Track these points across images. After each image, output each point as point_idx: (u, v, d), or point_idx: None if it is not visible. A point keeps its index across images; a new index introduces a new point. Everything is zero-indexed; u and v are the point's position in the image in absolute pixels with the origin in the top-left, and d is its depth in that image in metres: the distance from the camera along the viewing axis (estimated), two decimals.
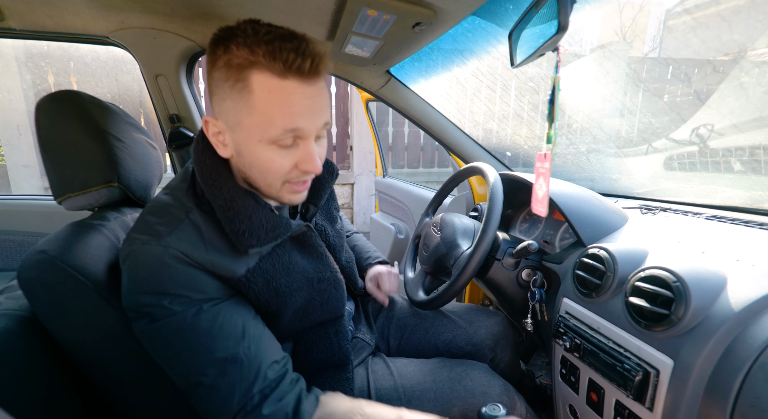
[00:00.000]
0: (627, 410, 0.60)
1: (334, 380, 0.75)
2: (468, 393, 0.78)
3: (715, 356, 0.51)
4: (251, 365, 0.57)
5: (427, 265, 0.99)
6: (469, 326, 0.96)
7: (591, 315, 0.69)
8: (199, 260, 0.57)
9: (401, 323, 1.00)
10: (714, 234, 0.74)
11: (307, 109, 0.56)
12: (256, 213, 0.62)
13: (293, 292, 0.68)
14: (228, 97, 0.56)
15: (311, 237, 0.73)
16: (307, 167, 0.60)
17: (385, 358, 0.88)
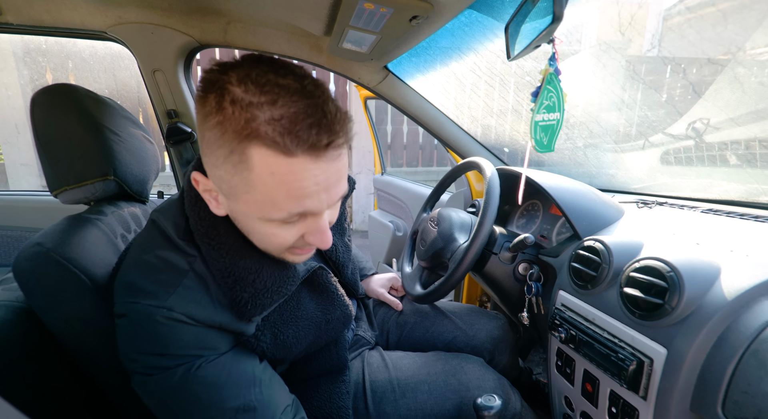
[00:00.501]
0: (621, 400, 0.60)
1: (330, 383, 0.75)
2: (462, 387, 0.79)
3: (708, 344, 0.51)
4: (265, 412, 0.54)
5: (425, 260, 0.99)
6: (469, 328, 0.96)
7: (586, 307, 0.69)
8: (207, 321, 0.52)
9: (401, 320, 1.00)
10: (709, 227, 0.74)
11: (321, 189, 0.46)
12: (261, 274, 0.55)
13: (300, 340, 0.64)
14: (221, 167, 0.46)
15: (322, 276, 0.67)
16: (315, 242, 0.52)
17: (382, 351, 0.88)
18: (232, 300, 0.53)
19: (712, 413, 0.49)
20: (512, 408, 0.80)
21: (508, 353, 0.99)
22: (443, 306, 1.01)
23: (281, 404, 0.57)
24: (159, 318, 0.49)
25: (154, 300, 0.49)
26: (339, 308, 0.70)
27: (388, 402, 0.77)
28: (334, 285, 0.70)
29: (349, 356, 0.86)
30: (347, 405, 0.74)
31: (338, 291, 0.70)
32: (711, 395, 0.49)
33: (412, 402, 0.77)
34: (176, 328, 0.49)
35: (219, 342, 0.54)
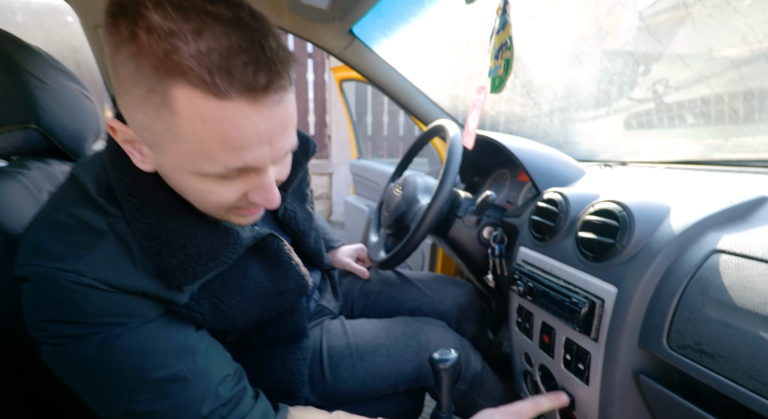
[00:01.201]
0: (575, 346, 0.60)
1: (285, 350, 0.71)
2: (422, 348, 0.77)
3: (656, 279, 0.51)
4: (198, 382, 0.49)
5: (389, 226, 0.97)
6: (435, 295, 0.95)
7: (544, 259, 0.68)
8: (127, 287, 0.46)
9: (366, 289, 0.98)
10: (665, 179, 0.74)
11: (263, 140, 0.41)
12: (195, 239, 0.49)
13: (245, 312, 0.59)
14: (139, 110, 0.39)
15: (273, 245, 0.61)
16: (259, 200, 0.47)
17: (343, 320, 0.86)
18: (159, 266, 0.48)
19: (657, 346, 0.48)
20: (472, 369, 0.79)
21: (474, 321, 0.98)
22: (409, 274, 1.00)
23: (219, 373, 0.52)
24: (64, 283, 0.43)
25: (59, 263, 0.43)
26: (293, 279, 0.65)
27: (345, 367, 0.75)
28: (288, 254, 0.65)
29: (310, 325, 0.84)
30: (302, 372, 0.71)
31: (292, 261, 0.65)
32: (657, 329, 0.49)
33: (370, 365, 0.75)
34: (87, 294, 0.44)
35: (143, 310, 0.49)
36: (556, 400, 0.62)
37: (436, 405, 0.65)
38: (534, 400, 0.62)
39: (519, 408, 0.61)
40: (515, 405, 0.61)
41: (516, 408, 0.61)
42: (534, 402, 0.62)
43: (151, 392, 0.47)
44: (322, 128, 4.04)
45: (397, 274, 1.00)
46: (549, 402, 0.62)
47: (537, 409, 0.61)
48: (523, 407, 0.61)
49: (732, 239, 0.47)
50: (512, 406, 0.61)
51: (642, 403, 0.53)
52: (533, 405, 0.61)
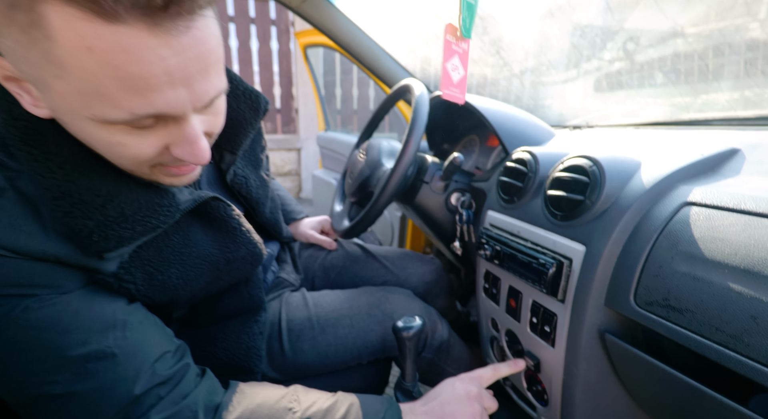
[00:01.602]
0: (541, 308, 0.58)
1: (240, 324, 0.66)
2: (386, 317, 0.73)
3: (624, 235, 0.49)
4: (129, 360, 0.43)
5: (353, 193, 0.92)
6: (400, 272, 0.91)
7: (512, 221, 0.65)
8: (35, 253, 0.39)
9: (328, 264, 0.93)
10: (635, 138, 0.72)
11: (176, 79, 0.34)
12: (116, 198, 0.42)
13: (189, 282, 0.52)
14: (6, 32, 0.31)
15: (219, 209, 0.55)
16: (184, 155, 0.40)
17: (305, 292, 0.81)
18: (71, 228, 0.41)
19: (624, 304, 0.47)
20: (439, 337, 0.76)
21: (442, 297, 0.95)
22: (374, 250, 0.95)
23: (156, 350, 0.46)
24: None
25: None
26: (244, 246, 0.59)
27: (306, 340, 0.70)
28: (237, 220, 0.58)
29: (268, 297, 0.78)
30: (258, 346, 0.66)
31: (242, 227, 0.59)
32: (624, 286, 0.47)
33: (332, 337, 0.71)
34: None
35: (58, 280, 0.42)
36: (514, 366, 0.61)
37: (401, 374, 0.62)
38: (493, 366, 0.61)
39: (479, 374, 0.59)
40: (475, 371, 0.60)
41: (476, 374, 0.59)
42: (493, 368, 0.60)
43: (70, 371, 0.41)
44: (288, 101, 3.86)
45: (362, 250, 0.95)
46: (508, 367, 0.61)
47: (496, 375, 0.60)
48: (483, 373, 0.59)
49: (703, 191, 0.45)
50: (472, 373, 0.59)
51: (606, 362, 0.52)
52: (493, 371, 0.60)
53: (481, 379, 0.58)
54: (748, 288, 0.36)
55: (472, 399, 0.54)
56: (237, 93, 0.62)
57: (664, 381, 0.44)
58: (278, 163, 3.85)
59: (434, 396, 0.56)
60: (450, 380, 0.58)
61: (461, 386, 0.56)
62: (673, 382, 0.43)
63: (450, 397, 0.54)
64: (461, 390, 0.55)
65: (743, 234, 0.39)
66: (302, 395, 0.53)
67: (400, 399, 0.61)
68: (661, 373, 0.44)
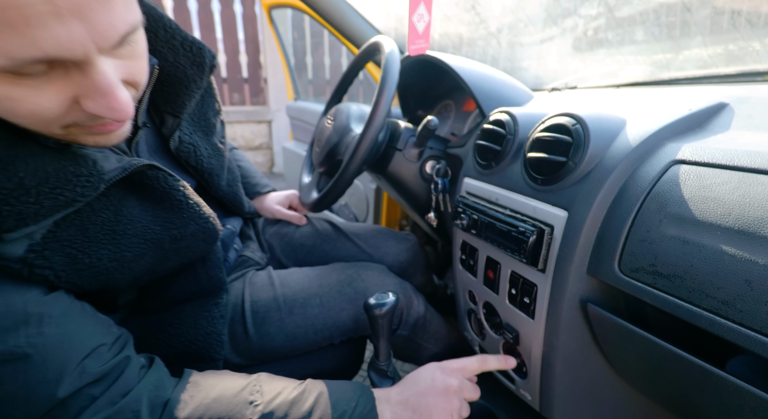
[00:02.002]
0: (521, 279, 0.55)
1: (198, 308, 0.60)
2: (359, 295, 0.69)
3: (609, 198, 0.45)
4: (49, 359, 0.38)
5: (321, 162, 0.85)
6: (374, 251, 0.86)
7: (489, 188, 0.61)
8: None
9: (297, 242, 0.87)
10: (618, 97, 0.68)
11: (63, 9, 0.27)
12: (10, 164, 0.35)
13: (126, 265, 0.46)
14: None
15: (158, 180, 0.48)
16: (98, 110, 0.33)
17: (271, 271, 0.75)
18: None
19: (607, 271, 0.44)
20: (415, 313, 0.73)
21: (419, 274, 0.91)
22: (346, 227, 0.90)
23: (86, 344, 0.40)
24: None
25: None
26: (193, 222, 0.52)
27: (272, 322, 0.65)
28: (182, 191, 0.51)
29: (230, 278, 0.72)
30: (219, 331, 0.61)
31: (189, 200, 0.52)
32: (608, 253, 0.44)
33: (301, 318, 0.66)
34: None
35: None
36: (504, 362, 0.58)
37: (374, 353, 0.59)
38: (482, 358, 0.58)
39: (464, 364, 0.56)
40: (461, 360, 0.56)
41: (460, 364, 0.56)
42: (481, 360, 0.57)
43: None
44: (256, 70, 3.63)
45: (332, 227, 0.89)
46: (497, 362, 0.58)
47: (482, 367, 0.57)
48: (468, 363, 0.56)
49: (692, 147, 0.42)
50: (457, 362, 0.56)
51: (587, 333, 0.50)
52: (480, 363, 0.57)
53: (464, 371, 0.55)
54: (742, 251, 0.33)
55: (451, 394, 0.51)
56: (174, 44, 0.53)
57: (646, 350, 0.42)
58: (248, 137, 3.67)
59: (412, 384, 0.52)
60: (431, 367, 0.55)
61: (441, 377, 0.53)
62: (656, 351, 0.41)
63: (428, 388, 0.51)
64: (441, 383, 0.52)
65: (737, 192, 0.35)
66: (266, 385, 0.48)
67: (375, 379, 0.58)
68: (644, 342, 0.42)
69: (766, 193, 0.33)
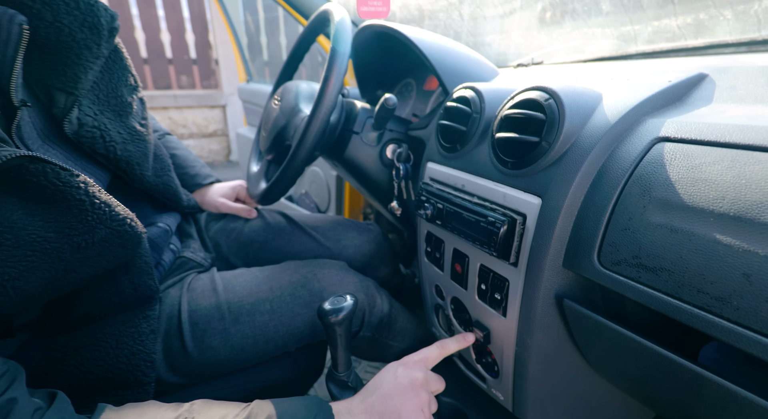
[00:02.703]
0: (491, 273, 0.49)
1: (121, 325, 0.51)
2: (315, 297, 0.62)
3: (587, 182, 0.40)
4: None
5: (268, 149, 0.75)
6: (333, 245, 0.78)
7: (455, 173, 0.55)
8: None
9: (246, 238, 0.77)
10: (589, 71, 0.64)
11: None
12: None
13: (12, 283, 0.37)
14: None
15: (46, 176, 0.39)
16: None
17: (214, 273, 0.66)
18: None
19: (586, 264, 0.39)
20: (378, 312, 0.67)
21: (383, 267, 0.85)
22: (302, 220, 0.81)
23: None
24: None
25: None
26: (103, 226, 0.43)
27: (215, 334, 0.57)
28: (85, 189, 0.41)
29: (164, 284, 0.63)
30: (148, 349, 0.52)
31: (95, 200, 0.42)
32: (586, 244, 0.39)
33: (248, 327, 0.58)
34: None
35: None
36: (463, 341, 0.54)
37: (332, 364, 0.52)
38: (441, 344, 0.53)
39: (424, 355, 0.51)
40: (420, 352, 0.51)
41: (421, 356, 0.51)
42: (440, 346, 0.52)
43: None
44: (206, 50, 3.36)
45: (286, 220, 0.80)
46: (456, 343, 0.54)
47: (443, 353, 0.52)
48: (429, 353, 0.51)
49: (677, 123, 0.37)
50: (417, 354, 0.51)
51: (563, 330, 0.46)
52: (439, 349, 0.52)
53: (426, 361, 0.50)
54: (739, 240, 0.29)
55: (418, 388, 0.46)
56: (55, 1, 0.42)
57: (627, 348, 0.39)
58: (201, 123, 3.43)
59: (374, 389, 0.47)
60: (392, 366, 0.49)
61: (404, 373, 0.47)
62: (636, 349, 0.37)
63: (392, 388, 0.46)
64: (405, 379, 0.46)
65: (731, 172, 0.31)
66: (201, 415, 0.40)
67: (334, 391, 0.52)
68: (624, 340, 0.38)
69: (765, 173, 0.29)
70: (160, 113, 3.22)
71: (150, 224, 0.63)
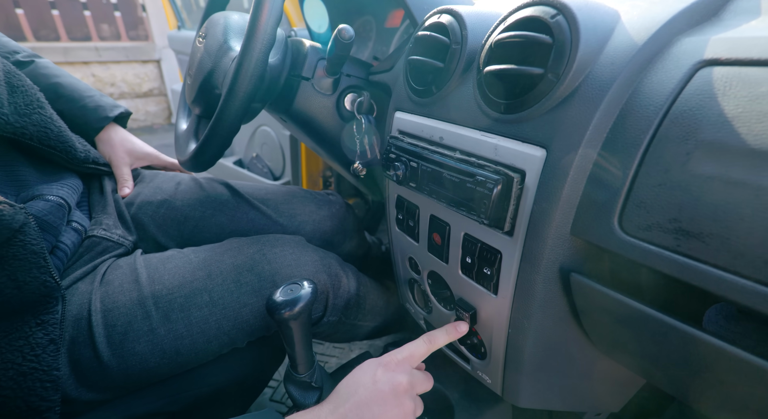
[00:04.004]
0: (478, 245, 0.41)
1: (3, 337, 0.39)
2: (265, 282, 0.51)
3: (606, 125, 0.31)
4: None
5: (195, 100, 0.60)
6: (288, 221, 0.66)
7: (431, 124, 0.44)
8: None
9: (179, 214, 0.63)
10: None
11: None
12: None
13: None
14: None
15: None
16: None
17: (138, 257, 0.53)
18: None
19: (602, 231, 0.31)
20: (344, 293, 0.58)
21: (348, 241, 0.74)
22: (248, 191, 0.67)
23: None
24: None
25: None
26: None
27: (139, 337, 0.45)
28: None
29: (71, 277, 0.49)
30: (47, 365, 0.40)
31: None
32: (604, 205, 0.31)
33: (183, 325, 0.47)
34: None
35: None
36: (454, 332, 0.46)
37: (289, 364, 0.43)
38: (428, 337, 0.44)
39: (410, 351, 0.42)
40: (404, 349, 0.43)
41: (406, 354, 0.42)
42: (428, 340, 0.44)
43: None
44: None
45: (230, 192, 0.66)
46: (446, 335, 0.45)
47: (431, 347, 0.44)
48: (415, 349, 0.43)
49: (727, 40, 0.28)
50: (400, 352, 0.42)
51: (565, 308, 0.39)
52: (427, 344, 0.44)
53: (411, 360, 0.42)
54: None
55: (401, 395, 0.38)
56: None
57: (645, 326, 0.32)
58: (132, 81, 3.01)
59: (348, 395, 0.38)
60: (370, 366, 0.40)
61: (385, 377, 0.39)
62: (656, 327, 0.31)
63: (370, 396, 0.37)
64: (385, 385, 0.38)
65: None
66: None
67: (295, 395, 0.43)
68: (644, 319, 0.31)
69: None
70: (81, 69, 2.78)
71: (34, 197, 0.49)
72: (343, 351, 1.00)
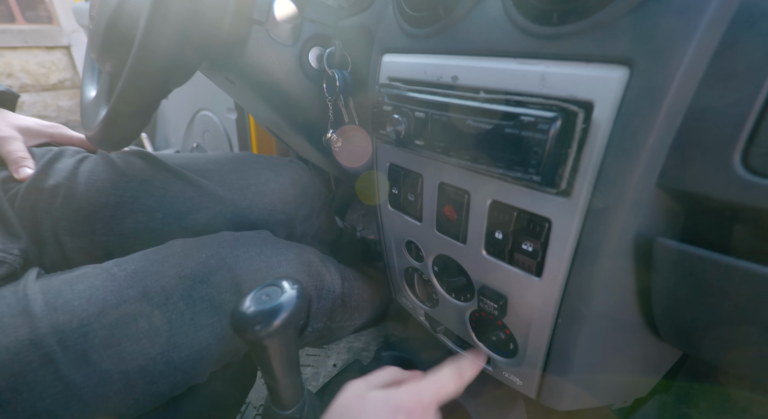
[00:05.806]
0: (515, 213, 0.31)
1: None
2: (227, 295, 0.38)
3: (721, 26, 0.22)
4: None
5: (103, 51, 0.44)
6: (239, 195, 0.52)
7: (437, 62, 0.34)
8: None
9: (85, 203, 0.46)
10: None
11: None
12: None
13: None
14: None
15: None
16: None
17: (27, 281, 0.37)
18: None
19: (714, 173, 0.22)
20: (328, 293, 0.45)
21: (316, 215, 0.61)
22: (179, 162, 0.52)
23: None
24: None
25: None
26: None
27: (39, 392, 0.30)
28: None
29: None
30: None
31: None
32: (718, 138, 0.22)
33: (111, 365, 0.32)
34: None
35: None
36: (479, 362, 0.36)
37: (268, 397, 0.30)
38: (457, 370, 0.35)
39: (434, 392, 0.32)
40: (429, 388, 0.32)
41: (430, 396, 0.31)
42: (458, 374, 0.34)
43: None
44: None
45: (154, 165, 0.50)
46: (473, 367, 0.36)
47: (461, 383, 0.34)
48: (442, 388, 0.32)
49: None
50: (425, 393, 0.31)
51: (632, 291, 0.30)
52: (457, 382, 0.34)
53: (439, 397, 0.31)
54: None
55: None
56: None
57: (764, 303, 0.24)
58: (36, 71, 2.57)
59: None
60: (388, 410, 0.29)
61: None
62: None
63: None
64: None
65: None
66: None
67: None
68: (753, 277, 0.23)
69: None
70: None
71: None
72: (318, 358, 0.87)
